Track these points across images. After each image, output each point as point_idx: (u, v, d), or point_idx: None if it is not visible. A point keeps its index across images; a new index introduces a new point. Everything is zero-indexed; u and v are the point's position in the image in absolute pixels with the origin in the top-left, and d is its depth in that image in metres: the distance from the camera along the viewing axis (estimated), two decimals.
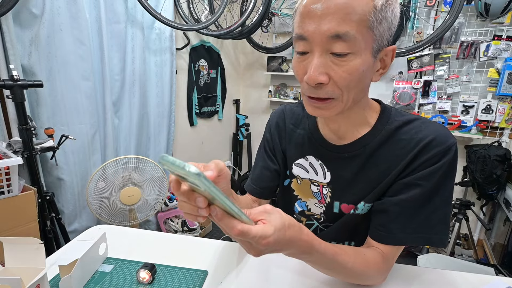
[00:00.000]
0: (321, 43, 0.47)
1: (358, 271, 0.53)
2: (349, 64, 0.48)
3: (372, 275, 0.56)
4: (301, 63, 0.51)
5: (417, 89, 2.21)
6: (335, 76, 0.48)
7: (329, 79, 0.49)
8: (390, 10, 0.48)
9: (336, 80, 0.49)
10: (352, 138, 0.60)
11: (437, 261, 1.33)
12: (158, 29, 2.00)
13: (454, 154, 0.54)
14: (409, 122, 0.58)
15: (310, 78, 0.48)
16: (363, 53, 0.48)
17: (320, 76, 0.48)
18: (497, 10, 1.80)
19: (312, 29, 0.47)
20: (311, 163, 0.67)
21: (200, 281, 0.59)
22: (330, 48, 0.47)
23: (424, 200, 0.54)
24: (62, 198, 1.58)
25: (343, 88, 0.49)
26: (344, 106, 0.52)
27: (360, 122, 0.59)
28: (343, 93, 0.50)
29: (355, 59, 0.48)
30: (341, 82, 0.49)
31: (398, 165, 0.56)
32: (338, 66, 0.48)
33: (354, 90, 0.51)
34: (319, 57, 0.48)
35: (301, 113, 0.71)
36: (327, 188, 0.65)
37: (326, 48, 0.48)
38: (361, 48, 0.47)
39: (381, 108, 0.61)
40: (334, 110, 0.52)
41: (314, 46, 0.48)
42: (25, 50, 1.35)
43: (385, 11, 0.47)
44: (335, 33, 0.46)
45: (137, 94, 1.91)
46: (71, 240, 0.74)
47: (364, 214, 0.62)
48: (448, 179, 0.54)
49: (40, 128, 1.42)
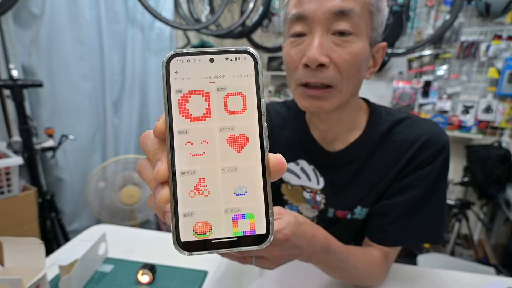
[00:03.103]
0: (323, 21, 0.45)
1: (367, 272, 0.53)
2: (352, 46, 0.46)
3: (376, 275, 0.56)
4: (297, 47, 0.48)
5: (417, 89, 2.21)
6: (337, 58, 0.46)
7: (330, 62, 0.46)
8: (383, 4, 0.49)
9: (337, 63, 0.46)
10: (345, 143, 0.58)
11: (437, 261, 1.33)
12: (158, 29, 2.00)
13: (448, 152, 0.54)
14: (400, 121, 0.57)
15: (310, 58, 0.45)
16: (364, 38, 0.47)
17: (321, 56, 0.45)
18: (498, 10, 1.80)
19: (314, 7, 0.44)
20: (303, 167, 0.63)
21: (200, 281, 0.59)
22: (333, 27, 0.45)
23: (422, 201, 0.54)
24: (62, 198, 1.58)
25: (344, 74, 0.47)
26: (343, 98, 0.50)
27: (351, 124, 0.58)
28: (343, 80, 0.47)
29: (357, 41, 0.46)
30: (343, 65, 0.46)
31: (393, 167, 0.56)
32: (340, 48, 0.46)
33: (353, 79, 0.49)
34: (320, 37, 0.45)
35: (287, 114, 0.67)
36: (321, 195, 0.62)
37: (327, 28, 0.45)
38: (363, 32, 0.46)
39: (369, 108, 0.60)
40: (333, 102, 0.49)
41: (314, 26, 0.45)
42: (25, 50, 1.35)
43: (381, 3, 0.48)
44: (340, 9, 0.43)
45: (137, 94, 1.91)
46: (71, 240, 0.74)
47: (363, 220, 0.61)
48: (443, 178, 0.55)
49: (40, 128, 1.42)
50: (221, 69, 0.21)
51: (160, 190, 0.20)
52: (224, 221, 0.21)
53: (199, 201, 0.21)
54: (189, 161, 0.21)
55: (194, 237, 0.21)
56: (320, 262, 0.47)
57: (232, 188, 0.21)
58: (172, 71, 0.20)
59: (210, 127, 0.21)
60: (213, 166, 0.21)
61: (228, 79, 0.21)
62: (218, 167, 0.21)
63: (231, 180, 0.21)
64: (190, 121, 0.21)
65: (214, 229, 0.21)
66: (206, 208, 0.21)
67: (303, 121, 0.63)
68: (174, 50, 0.21)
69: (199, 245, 0.21)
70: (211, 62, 0.21)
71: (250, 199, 0.21)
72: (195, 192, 0.21)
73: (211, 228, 0.21)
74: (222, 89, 0.21)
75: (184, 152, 0.21)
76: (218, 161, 0.21)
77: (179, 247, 0.20)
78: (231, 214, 0.21)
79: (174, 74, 0.20)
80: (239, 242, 0.21)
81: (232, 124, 0.21)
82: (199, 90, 0.21)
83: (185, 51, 0.21)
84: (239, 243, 0.21)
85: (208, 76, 0.21)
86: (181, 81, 0.20)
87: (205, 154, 0.21)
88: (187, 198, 0.20)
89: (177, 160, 0.20)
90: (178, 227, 0.20)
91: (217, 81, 0.21)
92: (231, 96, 0.21)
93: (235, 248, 0.21)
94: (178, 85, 0.20)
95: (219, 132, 0.21)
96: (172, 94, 0.20)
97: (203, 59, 0.21)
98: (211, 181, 0.21)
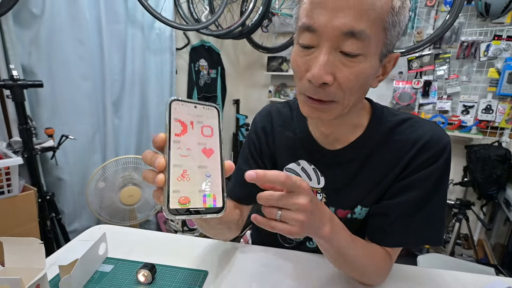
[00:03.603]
0: (331, 38, 0.43)
1: (369, 262, 0.53)
2: (358, 66, 0.44)
3: (376, 271, 0.56)
4: (304, 57, 0.46)
5: (417, 89, 2.21)
6: (341, 77, 0.44)
7: (334, 80, 0.45)
8: (403, 14, 0.45)
9: (341, 82, 0.45)
10: (346, 142, 0.58)
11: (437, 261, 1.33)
12: (158, 29, 2.00)
13: (449, 153, 0.54)
14: (402, 122, 0.57)
15: (314, 76, 0.44)
16: (373, 56, 0.45)
17: (326, 75, 0.44)
18: (497, 10, 1.80)
19: (324, 21, 0.42)
20: (303, 167, 0.63)
21: (200, 281, 0.59)
22: (340, 46, 0.43)
23: (422, 202, 0.54)
24: (62, 198, 1.58)
25: (346, 91, 0.46)
26: (343, 110, 0.49)
27: (353, 124, 0.57)
28: (345, 96, 0.46)
29: (364, 61, 0.44)
30: (346, 84, 0.45)
31: (394, 167, 0.55)
32: (346, 67, 0.44)
33: (356, 95, 0.48)
34: (327, 54, 0.43)
35: (289, 114, 0.66)
36: (321, 194, 0.62)
37: (335, 45, 0.43)
38: (372, 51, 0.44)
39: (372, 108, 0.59)
40: (333, 113, 0.49)
41: (322, 41, 0.43)
42: (25, 50, 1.35)
43: (400, 15, 0.44)
44: (350, 30, 0.41)
45: (137, 94, 1.91)
46: (71, 240, 0.74)
47: (363, 220, 0.61)
48: (444, 179, 0.54)
49: (40, 128, 1.42)
50: (200, 112, 0.36)
51: (159, 175, 0.33)
52: (198, 197, 0.34)
53: (183, 184, 0.33)
54: (178, 159, 0.34)
55: (178, 206, 0.32)
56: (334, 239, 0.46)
57: (203, 178, 0.35)
58: (172, 108, 0.34)
59: (192, 141, 0.35)
60: (192, 163, 0.34)
61: (204, 117, 0.36)
62: (196, 164, 0.35)
63: (203, 173, 0.35)
64: (180, 136, 0.34)
65: (191, 202, 0.33)
66: (187, 189, 0.33)
67: (304, 121, 0.63)
68: (174, 97, 0.35)
69: (181, 212, 0.32)
70: (195, 108, 0.36)
71: (213, 185, 0.35)
72: (181, 178, 0.33)
73: (189, 201, 0.33)
74: (200, 122, 0.36)
75: (176, 153, 0.34)
76: (196, 161, 0.35)
77: (169, 212, 0.31)
78: (202, 193, 0.34)
79: (173, 109, 0.34)
80: (206, 211, 0.34)
81: (205, 141, 0.36)
82: (187, 120, 0.35)
83: (180, 99, 0.35)
84: (206, 212, 0.34)
85: (193, 114, 0.36)
86: (177, 114, 0.34)
87: (188, 156, 0.34)
88: (176, 181, 0.33)
89: (171, 157, 0.33)
90: (169, 199, 0.32)
91: (198, 118, 0.36)
92: (205, 127, 0.36)
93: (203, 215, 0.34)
94: (175, 115, 0.34)
95: (197, 145, 0.35)
96: (172, 120, 0.34)
97: (190, 105, 0.36)
98: (191, 172, 0.34)
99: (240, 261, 0.67)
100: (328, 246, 0.46)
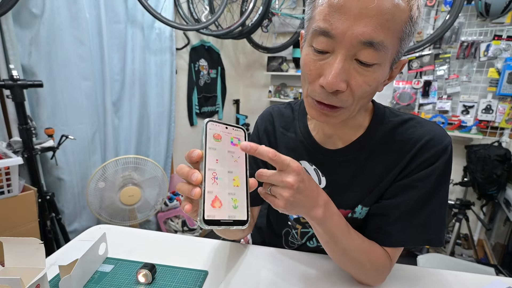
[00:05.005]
0: (349, 46, 0.42)
1: (364, 257, 0.53)
2: (372, 75, 0.44)
3: (372, 268, 0.55)
4: (318, 62, 0.46)
5: (417, 89, 2.21)
6: (355, 85, 0.44)
7: (347, 87, 0.44)
8: (418, 23, 0.45)
9: (354, 89, 0.45)
10: (347, 141, 0.58)
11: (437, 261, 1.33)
12: (158, 29, 2.00)
13: (450, 153, 0.54)
14: (404, 122, 0.57)
15: (328, 83, 0.43)
16: (387, 64, 0.45)
17: (340, 83, 0.43)
18: (497, 10, 1.80)
19: (343, 28, 0.41)
20: (304, 168, 0.64)
21: (200, 281, 0.59)
22: (357, 54, 0.42)
23: (422, 202, 0.54)
24: (62, 198, 1.58)
25: (357, 97, 0.46)
26: (350, 115, 0.50)
27: (355, 125, 0.58)
28: (354, 101, 0.47)
29: (378, 70, 0.44)
30: (359, 91, 0.45)
31: (395, 167, 0.55)
32: (360, 76, 0.44)
33: (365, 100, 0.48)
34: (342, 61, 0.43)
35: (291, 115, 0.67)
36: None
37: (352, 53, 0.42)
38: (387, 60, 0.44)
39: (374, 108, 0.60)
40: (340, 118, 0.49)
41: (339, 48, 0.43)
42: (25, 50, 1.35)
43: (416, 24, 0.44)
44: (369, 40, 0.41)
45: (137, 94, 1.91)
46: (71, 240, 0.74)
47: (363, 219, 0.61)
48: (444, 179, 0.54)
49: (40, 128, 1.42)
50: (230, 131, 0.43)
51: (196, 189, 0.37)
52: (227, 200, 0.40)
53: (215, 185, 0.39)
54: (212, 163, 0.40)
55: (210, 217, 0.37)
56: (326, 223, 0.48)
57: (231, 181, 0.41)
58: (208, 127, 0.41)
59: (224, 149, 0.42)
60: (223, 168, 0.41)
61: (233, 134, 0.43)
62: (226, 169, 0.41)
63: (231, 177, 0.41)
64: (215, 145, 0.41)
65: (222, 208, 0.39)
66: (218, 189, 0.39)
67: (305, 122, 0.64)
68: (209, 119, 0.41)
69: (213, 223, 0.37)
70: (226, 128, 0.43)
71: (240, 199, 0.41)
72: (213, 180, 0.39)
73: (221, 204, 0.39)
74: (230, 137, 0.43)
75: (211, 158, 0.40)
76: (226, 166, 0.41)
77: (204, 223, 0.36)
78: (231, 196, 0.40)
79: (209, 129, 0.41)
80: (233, 223, 0.39)
81: (233, 150, 0.43)
82: (220, 134, 0.42)
83: (215, 120, 0.42)
84: (233, 224, 0.39)
85: (224, 132, 0.42)
86: (213, 130, 0.41)
87: (219, 161, 0.40)
88: (210, 183, 0.39)
89: (207, 161, 0.39)
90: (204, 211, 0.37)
91: (228, 134, 0.43)
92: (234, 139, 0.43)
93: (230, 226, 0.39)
94: (211, 131, 0.41)
95: (227, 153, 0.42)
96: (208, 134, 0.40)
97: (222, 125, 0.43)
98: (221, 176, 0.40)
99: (240, 261, 0.67)
100: (320, 229, 0.49)
